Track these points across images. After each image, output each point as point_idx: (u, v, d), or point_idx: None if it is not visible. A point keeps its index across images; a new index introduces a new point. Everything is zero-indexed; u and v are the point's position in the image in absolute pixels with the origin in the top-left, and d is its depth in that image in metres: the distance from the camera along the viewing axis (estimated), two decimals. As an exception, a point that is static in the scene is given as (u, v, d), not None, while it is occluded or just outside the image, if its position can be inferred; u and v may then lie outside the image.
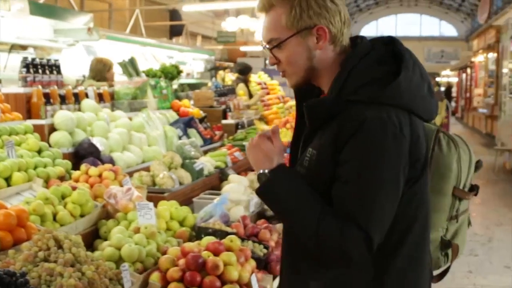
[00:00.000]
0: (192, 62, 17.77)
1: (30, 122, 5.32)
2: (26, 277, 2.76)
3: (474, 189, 2.89)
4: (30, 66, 5.79)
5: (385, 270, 2.35)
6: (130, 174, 5.29)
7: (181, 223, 4.36)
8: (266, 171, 2.41)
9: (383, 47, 2.43)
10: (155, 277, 3.48)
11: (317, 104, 2.38)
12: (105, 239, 3.96)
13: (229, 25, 22.62)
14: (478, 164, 2.94)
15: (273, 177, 2.39)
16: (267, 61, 25.96)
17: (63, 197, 4.06)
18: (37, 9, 8.88)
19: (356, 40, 2.47)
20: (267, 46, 2.47)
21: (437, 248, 2.81)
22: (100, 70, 8.87)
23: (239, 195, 5.28)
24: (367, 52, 2.39)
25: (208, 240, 3.81)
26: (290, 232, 2.54)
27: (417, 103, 2.33)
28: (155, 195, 4.84)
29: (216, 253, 3.61)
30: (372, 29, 62.04)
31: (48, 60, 6.10)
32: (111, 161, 5.41)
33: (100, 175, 4.63)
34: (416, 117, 2.34)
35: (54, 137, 5.36)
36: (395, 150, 2.22)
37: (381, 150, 2.20)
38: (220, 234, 4.03)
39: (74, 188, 4.14)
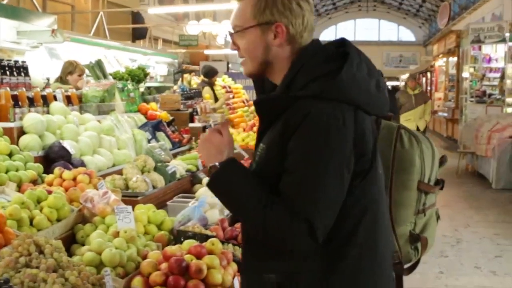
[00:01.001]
0: (156, 66, 17.63)
1: (-2, 125, 5.19)
2: (9, 283, 2.67)
3: (439, 183, 3.01)
4: (-3, 67, 5.65)
5: (337, 262, 2.37)
6: (102, 177, 5.19)
7: (159, 227, 4.27)
8: (217, 163, 2.46)
9: (333, 48, 2.49)
10: (137, 281, 3.40)
11: (265, 100, 2.49)
12: (82, 244, 3.87)
13: (191, 28, 22.55)
14: (443, 159, 3.08)
15: (222, 169, 2.44)
16: (230, 65, 26.03)
17: (38, 201, 3.96)
18: (0, 10, 8.68)
19: (311, 43, 2.56)
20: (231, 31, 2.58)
21: (407, 242, 2.91)
22: (63, 72, 8.77)
23: (214, 198, 5.19)
24: (316, 52, 2.47)
25: (189, 243, 3.74)
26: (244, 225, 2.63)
27: (362, 98, 2.37)
28: (128, 198, 4.74)
29: (199, 257, 3.54)
30: (331, 33, 62.36)
31: (16, 62, 5.97)
32: (82, 165, 5.30)
33: (74, 179, 4.53)
34: (363, 112, 2.39)
35: (24, 140, 5.24)
36: (337, 141, 2.27)
37: (324, 141, 2.26)
38: (200, 238, 3.95)
39: (49, 192, 4.04)
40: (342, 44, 2.50)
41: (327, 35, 62.36)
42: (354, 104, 2.34)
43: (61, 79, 8.70)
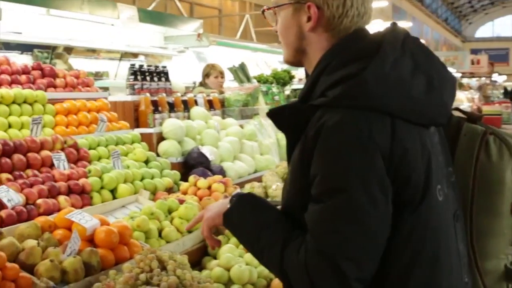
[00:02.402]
0: (304, 67, 17.49)
1: (137, 131, 5.21)
2: (125, 304, 2.51)
3: None
4: (137, 73, 5.67)
5: None
6: (241, 184, 5.03)
7: (296, 239, 4.02)
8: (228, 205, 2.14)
9: (371, 40, 1.99)
10: (268, 301, 3.17)
11: (276, 112, 2.07)
12: (214, 257, 3.68)
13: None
14: None
15: (233, 206, 2.13)
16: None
17: (169, 211, 3.83)
18: (146, 17, 8.81)
19: (351, 33, 2.06)
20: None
21: (500, 280, 2.24)
22: (202, 75, 8.74)
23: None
24: (348, 46, 1.98)
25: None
26: None
27: (397, 104, 1.85)
28: (267, 207, 4.51)
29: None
30: (487, 30, 60.34)
31: (156, 67, 5.96)
32: (222, 171, 5.18)
33: (209, 187, 4.36)
34: (409, 123, 1.87)
35: (163, 146, 5.20)
36: (362, 161, 1.79)
37: (344, 162, 1.79)
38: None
39: (181, 202, 3.89)
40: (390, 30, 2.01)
41: (483, 31, 60.41)
42: (385, 112, 1.83)
43: (201, 84, 8.68)
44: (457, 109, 2.31)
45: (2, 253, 2.73)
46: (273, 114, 2.06)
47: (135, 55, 10.87)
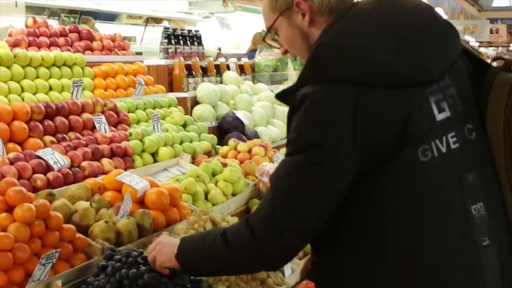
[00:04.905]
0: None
1: (172, 95, 5.14)
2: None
3: None
4: (171, 37, 5.63)
5: (372, 278, 1.94)
6: (276, 149, 5.01)
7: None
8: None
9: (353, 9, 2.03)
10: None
11: (282, 95, 2.16)
12: (258, 220, 3.68)
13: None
14: None
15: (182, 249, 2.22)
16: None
17: (213, 174, 3.82)
18: (172, -20, 8.77)
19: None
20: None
21: None
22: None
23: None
24: (336, 21, 2.00)
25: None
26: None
27: (362, 70, 1.86)
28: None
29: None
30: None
31: (189, 31, 5.94)
32: (256, 136, 5.16)
33: (249, 151, 4.35)
34: (380, 88, 1.86)
35: (197, 110, 5.19)
36: (318, 131, 1.88)
37: (301, 134, 1.91)
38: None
39: (224, 165, 3.88)
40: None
41: (501, 1, 59.66)
42: (345, 80, 1.86)
43: None
44: (500, 58, 2.17)
45: (58, 214, 2.74)
46: (279, 97, 2.17)
47: (157, 20, 10.82)
